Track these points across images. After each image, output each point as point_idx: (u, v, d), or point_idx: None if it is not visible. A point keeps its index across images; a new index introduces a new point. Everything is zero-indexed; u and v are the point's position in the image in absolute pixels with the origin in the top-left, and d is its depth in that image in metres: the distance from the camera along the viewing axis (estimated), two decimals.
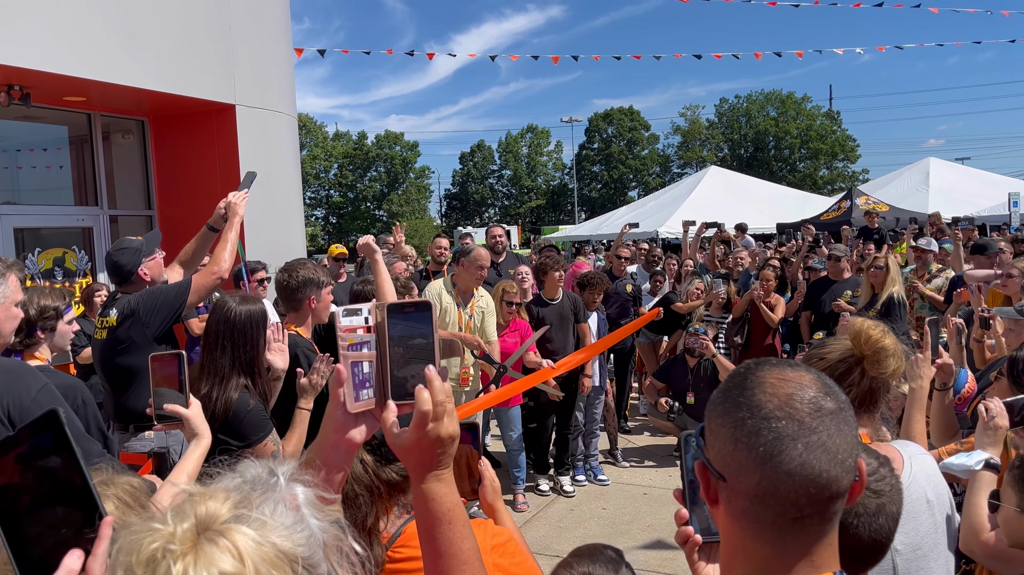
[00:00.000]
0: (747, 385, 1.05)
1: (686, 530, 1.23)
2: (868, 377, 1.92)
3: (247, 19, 7.58)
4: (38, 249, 7.01)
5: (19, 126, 7.27)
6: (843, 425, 1.02)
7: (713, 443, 1.07)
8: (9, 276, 2.54)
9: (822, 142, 56.57)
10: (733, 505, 1.04)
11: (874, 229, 11.63)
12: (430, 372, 1.13)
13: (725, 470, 1.03)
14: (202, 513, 0.87)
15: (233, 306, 3.05)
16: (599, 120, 62.36)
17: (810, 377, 1.05)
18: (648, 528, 5.75)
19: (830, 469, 0.99)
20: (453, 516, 1.16)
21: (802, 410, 1.00)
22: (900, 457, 1.91)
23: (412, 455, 1.15)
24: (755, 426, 1.01)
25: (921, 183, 20.25)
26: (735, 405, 1.04)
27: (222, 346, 2.99)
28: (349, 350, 1.15)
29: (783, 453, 0.98)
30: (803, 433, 0.99)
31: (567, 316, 6.46)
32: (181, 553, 0.83)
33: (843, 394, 1.06)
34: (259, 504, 0.90)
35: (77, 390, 2.94)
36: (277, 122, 8.00)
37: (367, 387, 1.17)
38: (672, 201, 22.17)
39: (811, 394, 1.02)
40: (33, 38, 5.75)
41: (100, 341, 3.72)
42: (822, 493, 0.99)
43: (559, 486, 6.61)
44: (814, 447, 0.98)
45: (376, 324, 1.17)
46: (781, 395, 1.02)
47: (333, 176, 61.59)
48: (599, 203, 58.10)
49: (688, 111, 63.14)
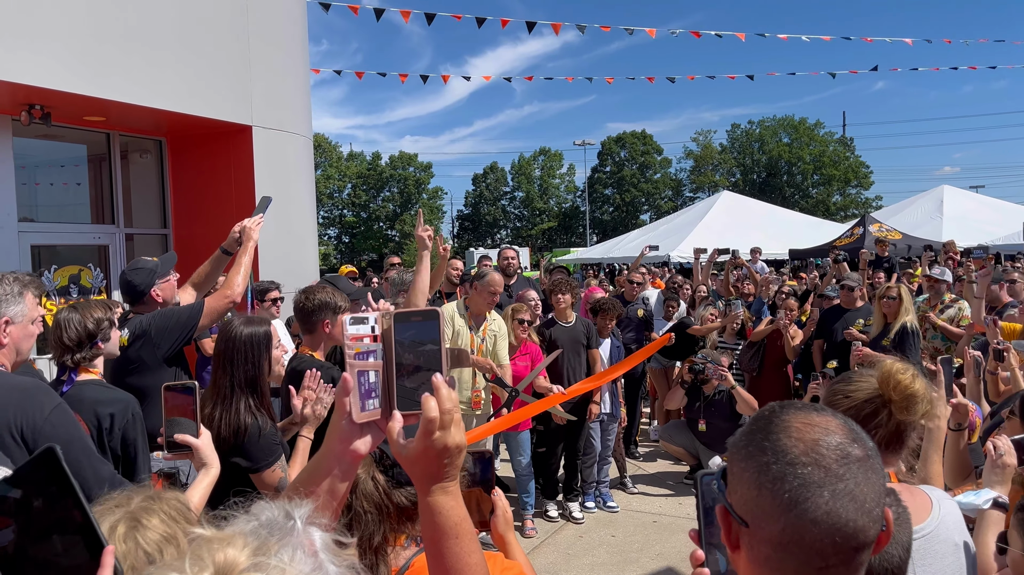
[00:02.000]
0: (772, 429, 1.03)
1: (702, 572, 1.21)
2: (895, 419, 1.88)
3: (264, 41, 7.68)
4: (54, 266, 7.07)
5: (39, 144, 7.36)
6: (871, 473, 0.99)
7: (736, 487, 1.04)
8: (26, 294, 2.56)
9: (835, 168, 56.47)
10: (755, 552, 1.01)
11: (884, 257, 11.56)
12: (437, 380, 1.11)
13: (748, 515, 1.01)
14: (220, 561, 0.85)
15: (237, 326, 3.08)
16: (612, 143, 62.55)
17: (837, 422, 1.03)
18: (658, 556, 5.69)
19: (857, 518, 0.96)
20: (460, 530, 1.13)
21: (829, 456, 0.98)
22: (929, 500, 1.89)
23: (418, 466, 1.12)
24: (780, 472, 0.98)
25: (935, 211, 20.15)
26: (759, 449, 1.02)
27: (224, 366, 3.02)
28: (355, 359, 1.13)
29: (808, 500, 0.96)
30: (830, 480, 0.97)
31: (579, 340, 6.45)
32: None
33: (870, 441, 1.04)
34: (277, 551, 0.88)
35: (128, 405, 2.97)
36: (293, 143, 8.08)
37: (373, 397, 1.14)
38: (684, 225, 22.15)
39: (838, 440, 1.00)
40: (54, 58, 5.84)
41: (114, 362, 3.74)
42: (848, 543, 0.96)
43: (568, 512, 6.56)
44: (841, 495, 0.96)
45: (383, 333, 1.14)
46: (807, 440, 1.00)
47: (347, 196, 61.95)
48: (611, 226, 58.13)
49: (700, 136, 63.29)
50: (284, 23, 8.08)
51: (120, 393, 3.11)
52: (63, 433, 2.43)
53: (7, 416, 2.34)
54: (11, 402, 2.37)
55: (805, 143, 57.70)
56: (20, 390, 2.43)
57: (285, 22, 8.10)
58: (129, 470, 3.02)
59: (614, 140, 62.63)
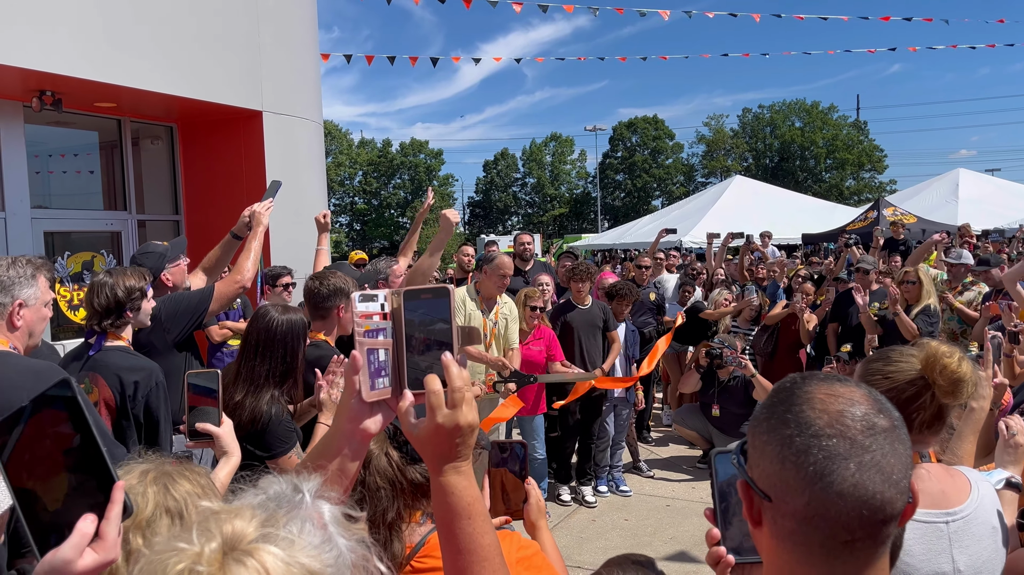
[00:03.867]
0: (794, 401, 1.00)
1: (718, 550, 1.19)
2: (938, 401, 1.82)
3: (275, 27, 7.65)
4: (67, 253, 7.10)
5: (51, 131, 7.37)
6: (897, 444, 0.97)
7: (758, 461, 1.02)
8: (39, 277, 2.56)
9: (848, 152, 56.03)
10: (779, 527, 0.99)
11: (900, 240, 11.45)
12: (446, 358, 1.09)
13: (771, 490, 0.99)
14: (228, 532, 0.84)
15: (275, 316, 3.05)
16: (623, 129, 62.26)
17: (861, 393, 1.01)
18: (671, 540, 5.68)
19: (884, 490, 0.94)
20: (473, 510, 1.12)
21: (854, 427, 0.96)
22: (967, 481, 1.86)
23: (429, 445, 1.11)
24: (804, 444, 0.96)
25: (950, 194, 19.94)
26: (782, 422, 0.99)
27: (261, 355, 2.98)
28: (365, 336, 1.11)
29: (834, 473, 0.94)
30: (855, 452, 0.95)
31: (596, 324, 6.44)
32: (209, 574, 0.80)
33: (895, 411, 1.01)
34: (286, 523, 0.87)
35: (152, 373, 2.99)
36: (303, 129, 8.06)
37: (383, 375, 1.12)
38: (696, 211, 22.02)
39: (863, 411, 0.98)
40: (65, 44, 5.83)
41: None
42: (875, 516, 0.94)
43: (581, 496, 6.56)
44: (867, 467, 0.94)
45: (392, 311, 1.12)
46: (831, 411, 0.97)
47: (358, 183, 62.01)
48: (622, 212, 57.96)
49: (712, 120, 62.89)
50: (294, 9, 8.04)
51: (145, 361, 3.13)
52: None
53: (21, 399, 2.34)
54: (25, 386, 2.37)
55: (818, 127, 57.24)
56: (34, 373, 2.43)
57: (295, 8, 8.06)
58: (152, 438, 3.04)
59: (625, 125, 62.33)
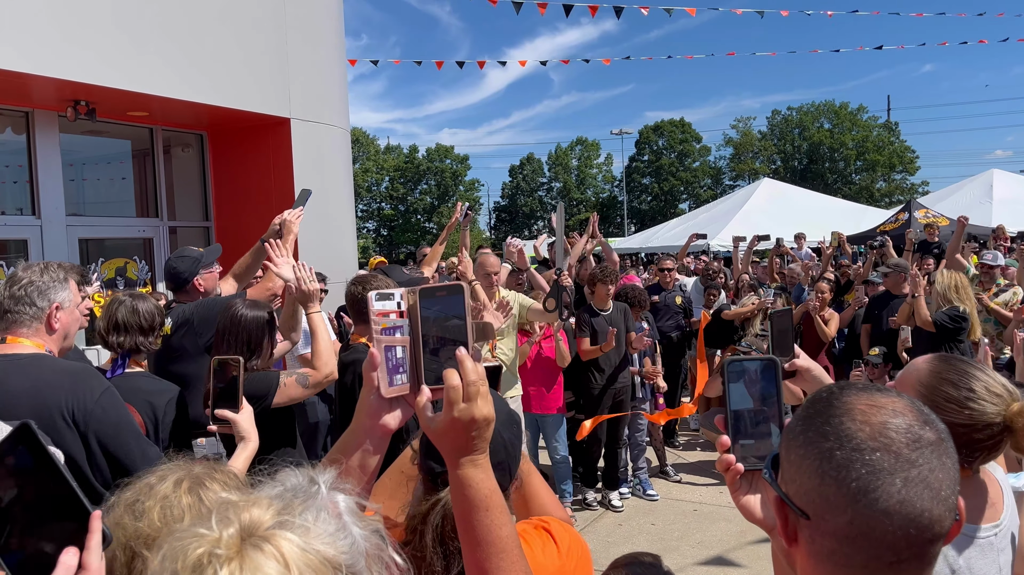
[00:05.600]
0: (833, 412, 0.95)
1: (727, 458, 1.17)
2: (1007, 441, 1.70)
3: (302, 35, 7.75)
4: (101, 259, 7.24)
5: (85, 140, 7.53)
6: (945, 458, 0.91)
7: (794, 476, 0.96)
8: (70, 280, 2.62)
9: (879, 154, 55.26)
10: (817, 545, 0.94)
11: (934, 243, 11.26)
12: (461, 353, 1.11)
13: (809, 507, 0.93)
14: (246, 519, 0.87)
15: (240, 308, 3.17)
16: (649, 132, 62.00)
17: (904, 403, 0.95)
18: (698, 545, 5.64)
19: (933, 508, 0.88)
20: (490, 502, 1.13)
21: (898, 440, 0.90)
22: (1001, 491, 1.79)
23: (446, 439, 1.13)
24: (845, 458, 0.91)
25: (984, 196, 19.58)
26: (820, 434, 0.94)
27: (227, 343, 3.12)
28: (382, 334, 1.14)
29: (879, 489, 0.88)
30: (901, 467, 0.89)
31: (619, 327, 6.41)
32: (227, 558, 0.83)
33: (941, 422, 0.95)
34: (302, 511, 0.90)
35: (173, 396, 3.04)
36: (331, 135, 8.14)
37: (401, 372, 1.15)
38: (724, 213, 21.86)
39: (907, 422, 0.92)
40: (99, 56, 5.95)
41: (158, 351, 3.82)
42: (923, 535, 0.88)
43: (607, 500, 6.54)
44: (914, 483, 0.88)
45: (408, 308, 1.15)
46: (874, 423, 0.92)
47: (384, 189, 62.40)
48: (649, 215, 57.72)
49: (740, 123, 62.43)
50: (321, 16, 8.14)
51: (166, 384, 3.18)
52: (113, 416, 2.48)
53: (59, 399, 2.40)
54: (63, 385, 2.43)
55: (847, 128, 56.55)
56: (71, 374, 2.49)
57: (322, 15, 8.16)
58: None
59: (652, 129, 62.07)
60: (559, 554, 1.67)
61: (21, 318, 2.48)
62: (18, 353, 2.46)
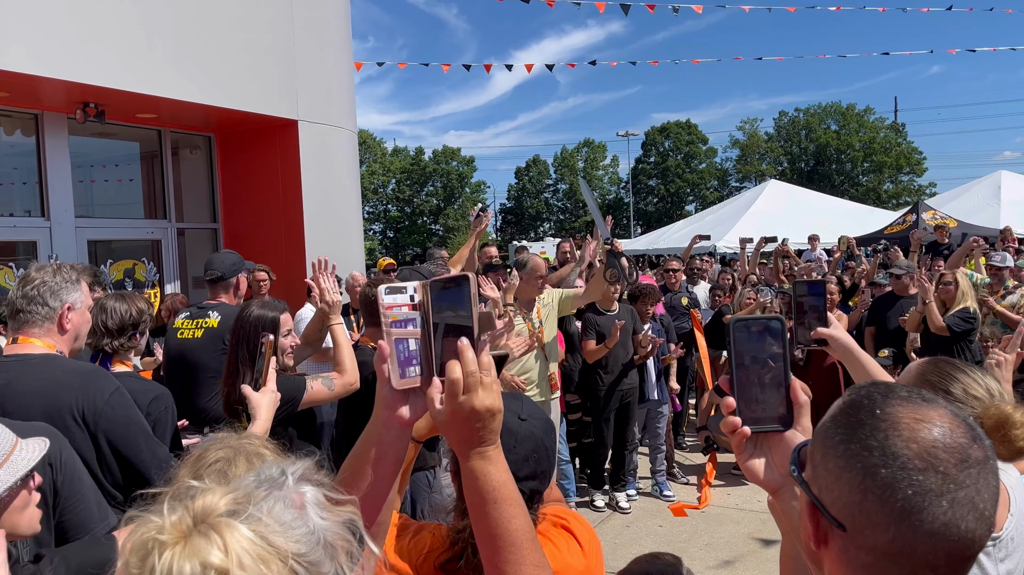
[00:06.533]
0: (878, 425, 0.91)
1: (734, 420, 1.15)
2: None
3: (310, 38, 7.77)
4: (109, 260, 7.27)
5: (94, 142, 7.57)
6: (990, 476, 0.89)
7: (831, 486, 0.93)
8: (82, 282, 2.63)
9: (886, 155, 55.09)
10: (851, 555, 0.92)
11: (944, 244, 11.22)
12: (462, 344, 1.12)
13: (847, 519, 0.91)
14: (199, 506, 0.90)
15: (250, 309, 3.25)
16: (656, 134, 61.94)
17: (951, 417, 0.91)
18: (706, 547, 5.63)
19: (976, 528, 0.86)
20: (499, 495, 1.12)
21: (948, 460, 0.87)
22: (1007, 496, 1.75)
23: (452, 430, 1.13)
24: (891, 477, 0.87)
25: (992, 197, 19.50)
26: (864, 447, 0.90)
27: (238, 344, 3.19)
28: (392, 327, 1.15)
29: (924, 510, 0.85)
30: (948, 488, 0.86)
31: (626, 328, 6.40)
32: (171, 543, 0.86)
33: (987, 438, 0.92)
34: (259, 500, 0.93)
35: (163, 398, 3.06)
36: (338, 137, 8.17)
37: (413, 364, 1.16)
38: (731, 215, 21.83)
39: (955, 440, 0.89)
40: (108, 58, 5.99)
41: (194, 340, 3.97)
42: (964, 553, 0.87)
43: (614, 502, 6.53)
44: (961, 504, 0.86)
45: (420, 301, 1.16)
46: (922, 441, 0.88)
47: (391, 191, 62.51)
48: (655, 217, 57.64)
49: (746, 124, 62.34)
50: (328, 18, 8.16)
51: (155, 385, 3.20)
52: (122, 415, 2.50)
53: (69, 399, 2.42)
54: (73, 385, 2.44)
55: (854, 130, 56.39)
56: (81, 374, 2.50)
57: (329, 17, 8.18)
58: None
59: (658, 130, 62.00)
60: (583, 552, 1.67)
61: (33, 318, 2.50)
62: (29, 353, 2.47)
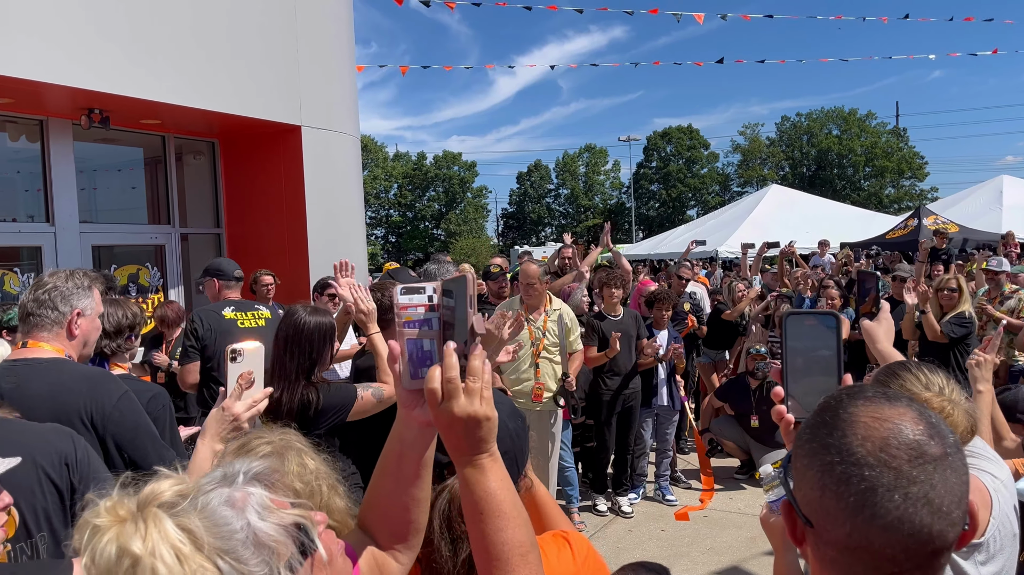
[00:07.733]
0: (838, 424, 0.94)
1: (781, 409, 1.17)
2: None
3: (312, 44, 7.81)
4: (113, 266, 7.30)
5: (98, 148, 7.61)
6: (949, 472, 0.90)
7: (800, 484, 0.97)
8: (94, 289, 2.66)
9: (888, 160, 55.10)
10: (820, 552, 0.95)
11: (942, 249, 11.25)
12: (447, 348, 1.09)
13: (812, 516, 0.94)
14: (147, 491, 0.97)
15: (303, 316, 3.23)
16: (657, 139, 62.00)
17: (912, 414, 0.93)
18: (708, 551, 5.64)
19: (933, 523, 0.87)
20: (486, 506, 1.08)
21: (900, 457, 0.89)
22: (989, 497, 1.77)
23: (443, 438, 1.11)
24: (844, 473, 0.90)
25: (994, 202, 19.52)
26: (823, 446, 0.93)
27: (290, 351, 3.17)
28: (405, 327, 1.15)
29: (877, 505, 0.88)
30: (901, 483, 0.88)
31: (629, 333, 6.41)
32: (105, 529, 0.92)
33: (952, 434, 0.93)
34: (200, 494, 0.98)
35: (161, 396, 3.08)
36: (341, 142, 8.20)
37: (428, 365, 1.14)
38: (732, 220, 21.87)
39: (911, 437, 0.90)
40: (112, 64, 6.02)
41: (260, 328, 4.34)
42: (924, 548, 0.88)
43: (617, 506, 6.54)
44: (914, 499, 0.87)
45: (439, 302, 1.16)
46: (875, 438, 0.90)
47: (393, 196, 62.59)
48: (657, 222, 57.65)
49: (748, 129, 62.38)
50: (331, 24, 8.20)
51: (151, 385, 3.24)
52: (130, 420, 2.52)
53: (77, 403, 2.44)
54: (81, 390, 2.47)
55: (856, 134, 56.41)
56: (89, 378, 2.53)
57: (332, 23, 8.22)
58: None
59: (660, 135, 62.07)
60: (574, 560, 1.66)
61: (43, 322, 2.52)
62: (38, 357, 2.50)
